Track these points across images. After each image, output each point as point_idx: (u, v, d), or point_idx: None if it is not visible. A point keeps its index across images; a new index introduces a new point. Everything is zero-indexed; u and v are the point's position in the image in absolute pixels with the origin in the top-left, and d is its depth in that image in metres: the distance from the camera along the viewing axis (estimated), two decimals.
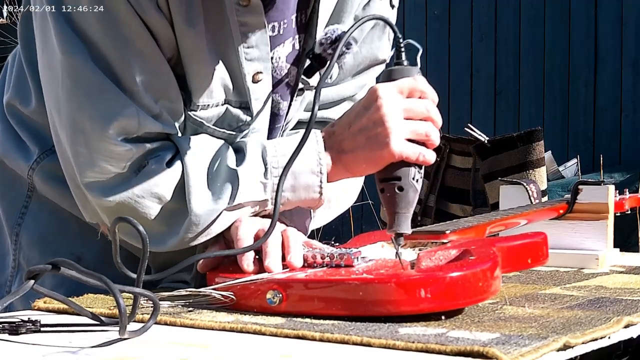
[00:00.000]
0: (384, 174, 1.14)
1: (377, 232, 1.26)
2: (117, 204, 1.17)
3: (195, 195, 1.17)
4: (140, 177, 1.17)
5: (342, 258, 1.06)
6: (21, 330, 0.92)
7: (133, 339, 0.90)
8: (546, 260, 1.18)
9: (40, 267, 0.93)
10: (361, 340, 0.86)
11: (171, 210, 1.18)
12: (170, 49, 1.18)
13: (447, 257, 1.05)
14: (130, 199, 1.17)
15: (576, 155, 4.58)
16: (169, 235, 1.19)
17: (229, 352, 0.86)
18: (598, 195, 1.49)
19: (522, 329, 0.91)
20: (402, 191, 1.11)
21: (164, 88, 1.19)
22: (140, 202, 1.17)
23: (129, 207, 1.17)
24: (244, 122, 1.26)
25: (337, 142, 1.19)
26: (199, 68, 1.20)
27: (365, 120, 1.16)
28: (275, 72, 1.28)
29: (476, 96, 5.41)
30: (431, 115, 1.16)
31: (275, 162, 1.19)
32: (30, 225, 1.34)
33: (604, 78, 5.02)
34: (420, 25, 5.60)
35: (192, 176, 1.17)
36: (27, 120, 1.32)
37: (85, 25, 1.14)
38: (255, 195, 1.18)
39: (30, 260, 1.33)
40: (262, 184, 1.19)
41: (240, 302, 1.03)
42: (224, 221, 1.19)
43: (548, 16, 5.18)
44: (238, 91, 1.24)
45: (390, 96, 1.14)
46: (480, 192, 3.09)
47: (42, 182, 1.31)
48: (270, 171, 1.19)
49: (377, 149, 1.14)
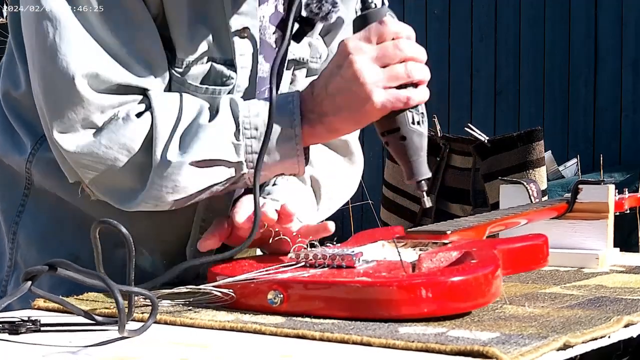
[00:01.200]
0: (381, 127, 1.11)
1: (377, 230, 1.26)
2: (87, 156, 1.17)
3: (160, 147, 1.16)
4: (110, 128, 1.17)
5: (344, 259, 1.06)
6: (21, 330, 0.92)
7: (133, 338, 0.90)
8: (546, 262, 1.18)
9: (37, 268, 0.92)
10: (361, 340, 0.86)
11: (139, 163, 1.18)
12: (155, 5, 1.19)
13: (448, 259, 1.05)
14: (99, 150, 1.17)
15: (576, 155, 4.58)
16: (138, 191, 1.18)
17: (229, 351, 0.86)
18: (598, 195, 1.49)
19: (522, 329, 0.91)
20: (405, 140, 1.09)
21: (146, 42, 1.19)
22: (109, 153, 1.17)
23: (98, 160, 1.17)
24: (228, 77, 1.25)
25: (317, 104, 1.17)
26: (182, 23, 1.20)
27: (340, 80, 1.13)
28: (260, 32, 1.27)
29: (476, 96, 5.41)
30: (407, 54, 1.12)
31: (247, 123, 1.17)
32: (28, 223, 1.34)
33: (604, 78, 5.02)
34: (420, 25, 5.60)
35: (160, 128, 1.17)
36: (19, 108, 1.32)
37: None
38: (225, 154, 1.17)
39: (28, 259, 1.33)
40: (234, 145, 1.17)
41: (240, 301, 1.03)
42: (194, 179, 1.17)
43: (548, 16, 5.18)
44: (222, 48, 1.23)
45: (360, 48, 1.11)
46: (480, 192, 3.09)
47: (40, 175, 1.31)
48: (242, 132, 1.17)
49: (360, 107, 1.11)
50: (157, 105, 1.18)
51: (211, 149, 1.16)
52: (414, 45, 1.13)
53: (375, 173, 5.49)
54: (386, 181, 3.39)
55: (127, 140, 1.17)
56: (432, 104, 4.59)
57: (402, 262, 1.05)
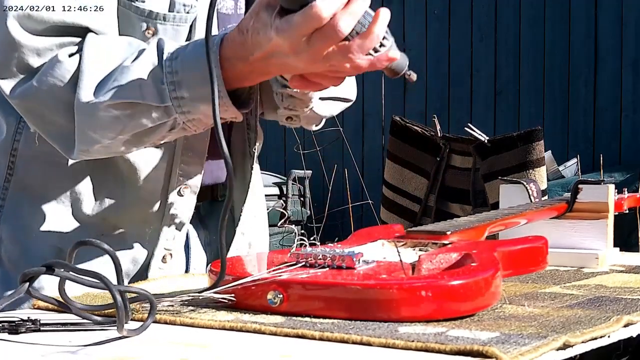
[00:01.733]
0: None
1: (377, 228, 1.26)
2: (28, 100, 1.18)
3: (81, 86, 1.16)
4: (43, 71, 1.18)
5: (344, 260, 1.06)
6: (21, 330, 0.92)
7: (133, 338, 0.90)
8: (546, 265, 1.18)
9: (34, 269, 0.92)
10: (361, 340, 0.86)
11: (68, 104, 1.18)
12: None
13: (448, 261, 1.05)
14: (35, 93, 1.18)
15: (576, 155, 4.58)
16: (73, 133, 1.19)
17: (229, 351, 0.85)
18: (598, 195, 1.49)
19: (522, 328, 0.91)
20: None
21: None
22: (42, 95, 1.18)
23: (37, 102, 1.18)
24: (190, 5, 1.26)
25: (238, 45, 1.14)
26: None
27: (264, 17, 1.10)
28: None
29: (476, 96, 5.41)
30: None
31: (169, 66, 1.16)
32: (10, 218, 1.34)
33: (604, 78, 5.02)
34: (420, 25, 5.60)
35: (85, 68, 1.17)
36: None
37: None
38: (145, 97, 1.16)
39: (11, 254, 1.33)
40: (156, 88, 1.16)
41: (240, 301, 1.03)
42: (116, 122, 1.17)
43: (548, 16, 5.18)
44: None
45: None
46: (480, 192, 3.09)
47: (24, 168, 1.32)
48: (165, 75, 1.16)
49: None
50: (88, 45, 1.18)
51: (130, 91, 1.16)
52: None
53: (375, 173, 5.50)
54: (386, 181, 3.39)
55: (57, 81, 1.17)
56: (432, 104, 4.59)
57: (402, 264, 1.05)
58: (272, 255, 1.17)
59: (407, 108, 5.60)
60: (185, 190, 1.34)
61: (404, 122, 3.33)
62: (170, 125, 1.19)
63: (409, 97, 5.62)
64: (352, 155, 5.34)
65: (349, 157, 5.38)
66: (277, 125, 1.45)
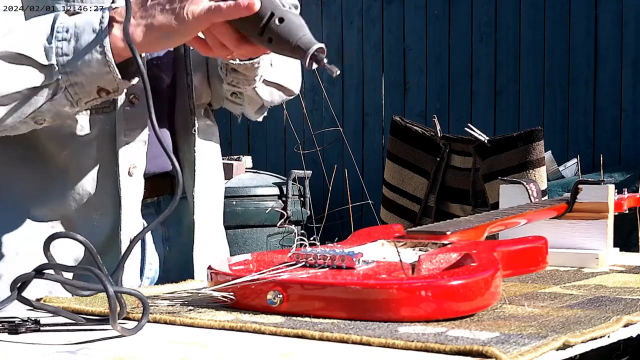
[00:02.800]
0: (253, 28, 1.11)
1: (377, 228, 1.26)
2: None
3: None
4: None
5: (344, 260, 1.06)
6: (21, 330, 0.92)
7: (133, 338, 0.90)
8: (546, 265, 1.18)
9: (25, 275, 0.92)
10: (360, 340, 0.86)
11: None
12: None
13: (448, 261, 1.05)
14: None
15: (576, 155, 4.58)
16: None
17: (229, 351, 0.86)
18: (598, 195, 1.49)
19: (522, 328, 0.91)
20: (284, 21, 1.08)
21: None
22: None
23: None
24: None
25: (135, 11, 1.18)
26: None
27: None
28: None
29: (476, 96, 5.41)
30: None
31: (61, 27, 1.19)
32: None
33: (604, 78, 5.02)
34: (420, 25, 5.60)
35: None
36: None
37: None
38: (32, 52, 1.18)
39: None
40: (44, 46, 1.18)
41: (240, 301, 1.03)
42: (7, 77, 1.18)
43: (548, 16, 5.18)
44: None
45: None
46: (480, 192, 3.09)
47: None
48: (55, 35, 1.19)
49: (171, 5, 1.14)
50: None
51: (18, 42, 1.18)
52: None
53: (375, 173, 5.50)
54: (386, 181, 3.39)
55: None
56: (432, 104, 4.60)
57: (401, 264, 1.05)
58: (272, 255, 1.17)
59: (407, 108, 5.60)
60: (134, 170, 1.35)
61: (404, 122, 3.32)
62: (53, 89, 1.20)
63: (409, 97, 5.62)
64: (352, 155, 5.35)
65: (349, 157, 5.39)
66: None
